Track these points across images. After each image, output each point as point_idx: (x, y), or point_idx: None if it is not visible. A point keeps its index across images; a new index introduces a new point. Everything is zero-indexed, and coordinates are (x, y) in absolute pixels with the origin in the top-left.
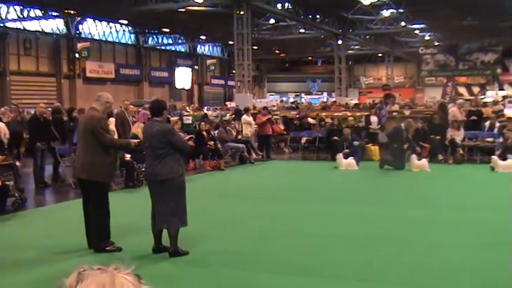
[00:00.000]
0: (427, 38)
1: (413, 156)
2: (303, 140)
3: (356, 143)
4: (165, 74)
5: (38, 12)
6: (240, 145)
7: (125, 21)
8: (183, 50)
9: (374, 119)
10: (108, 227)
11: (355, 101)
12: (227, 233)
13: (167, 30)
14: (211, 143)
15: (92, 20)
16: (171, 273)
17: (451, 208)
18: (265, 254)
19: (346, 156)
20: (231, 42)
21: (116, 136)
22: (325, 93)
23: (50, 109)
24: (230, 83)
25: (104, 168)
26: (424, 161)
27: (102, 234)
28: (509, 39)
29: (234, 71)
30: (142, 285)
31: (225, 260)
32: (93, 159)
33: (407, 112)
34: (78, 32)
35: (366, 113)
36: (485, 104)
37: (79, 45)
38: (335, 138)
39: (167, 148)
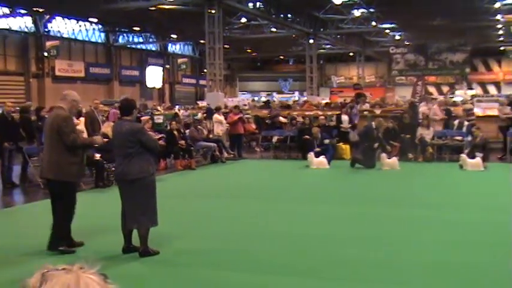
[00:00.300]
0: (397, 37)
1: (384, 155)
2: (275, 139)
3: (327, 141)
4: (135, 73)
5: (6, 10)
6: (212, 144)
7: (95, 20)
8: (154, 48)
9: (345, 118)
10: (67, 228)
11: (327, 100)
12: (198, 233)
13: (138, 28)
14: (182, 142)
15: (61, 18)
16: (141, 273)
17: (421, 206)
18: (237, 253)
19: (317, 155)
20: (202, 41)
21: (85, 135)
22: (296, 93)
23: (18, 108)
24: (201, 82)
25: (70, 168)
26: (394, 159)
27: (59, 234)
28: (478, 39)
29: (205, 70)
30: (109, 285)
31: (196, 260)
32: (59, 159)
33: (378, 111)
34: (46, 30)
35: (337, 112)
36: (454, 103)
37: (48, 44)
38: (306, 137)
39: (137, 147)
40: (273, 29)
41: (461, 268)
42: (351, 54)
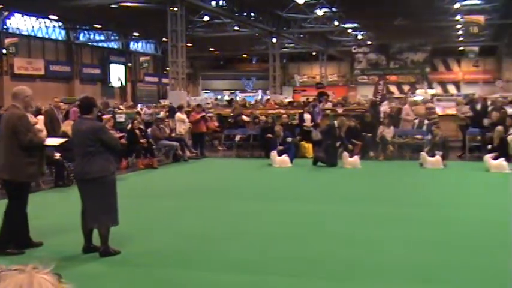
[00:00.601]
0: (359, 37)
1: (345, 153)
2: (237, 137)
3: (289, 139)
4: (97, 71)
5: None
6: (174, 143)
7: (55, 17)
8: (115, 46)
9: (307, 116)
10: (15, 230)
11: (290, 99)
12: (160, 232)
13: (99, 26)
14: (144, 141)
15: (20, 15)
16: (101, 273)
17: (382, 204)
18: (198, 253)
19: (280, 154)
20: (165, 39)
21: (44, 133)
22: (259, 91)
23: None
24: (164, 80)
25: (26, 168)
26: (356, 158)
27: (8, 235)
28: (438, 39)
29: (168, 69)
30: (63, 285)
31: (157, 260)
32: (15, 159)
33: (340, 110)
34: (5, 27)
35: (300, 111)
36: (415, 103)
37: (6, 41)
38: (269, 135)
39: (97, 146)
40: (236, 28)
41: (423, 265)
42: (314, 53)
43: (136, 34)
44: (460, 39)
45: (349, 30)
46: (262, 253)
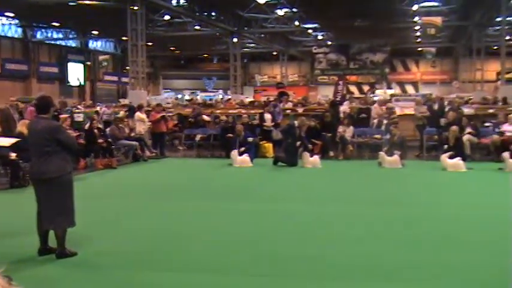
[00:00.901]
0: (320, 37)
1: (306, 153)
2: (198, 137)
3: (250, 139)
4: (55, 70)
5: None
6: (133, 143)
7: (11, 14)
8: (74, 45)
9: (268, 116)
10: None
11: (250, 99)
12: (118, 233)
13: (57, 24)
14: (102, 140)
15: None
16: (57, 275)
17: (342, 203)
18: (159, 253)
19: (240, 154)
20: (124, 38)
21: None
22: (220, 91)
23: None
24: (124, 79)
25: None
26: (316, 157)
27: None
28: (397, 40)
29: (127, 68)
30: (13, 287)
31: (115, 261)
32: None
33: (300, 110)
34: None
35: (260, 111)
36: (375, 102)
37: None
38: (229, 135)
39: (53, 146)
40: (197, 27)
41: (388, 263)
42: (275, 53)
43: (96, 32)
44: (418, 40)
45: (310, 31)
46: (224, 252)
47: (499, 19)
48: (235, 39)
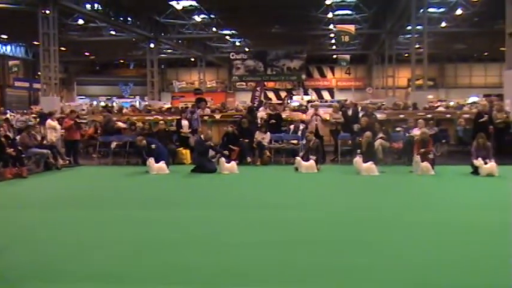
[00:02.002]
0: (237, 44)
1: (223, 159)
2: (113, 144)
3: (153, 146)
4: None
5: None
6: (45, 151)
7: None
8: None
9: (185, 123)
10: None
11: (168, 105)
12: (30, 245)
13: None
14: (11, 150)
15: None
16: None
17: (257, 207)
18: (66, 264)
19: (157, 161)
20: (36, 43)
21: None
22: (137, 97)
23: None
24: (36, 85)
25: None
26: (233, 163)
27: None
28: (313, 47)
29: (39, 73)
30: None
31: (28, 273)
32: None
33: (218, 116)
34: None
35: (178, 117)
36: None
37: None
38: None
39: None
40: (112, 32)
41: (296, 266)
42: (193, 59)
43: (5, 36)
44: (333, 47)
45: (227, 37)
46: (133, 261)
47: (409, 28)
48: (152, 45)
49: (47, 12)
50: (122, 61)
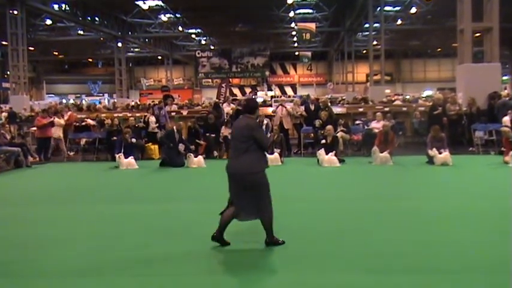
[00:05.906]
0: (203, 42)
1: (190, 154)
2: (83, 141)
3: (134, 140)
4: None
5: None
6: (15, 148)
7: None
8: None
9: (152, 119)
10: None
11: (136, 102)
12: None
13: None
14: None
15: None
16: None
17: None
18: (36, 261)
19: (126, 156)
20: (4, 43)
21: None
22: (106, 95)
23: None
24: (5, 84)
25: None
26: (200, 157)
27: None
28: (276, 45)
29: (8, 73)
30: None
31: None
32: None
33: (185, 112)
34: None
35: (146, 114)
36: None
37: None
38: (115, 138)
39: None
40: (81, 32)
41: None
42: (160, 57)
43: None
44: (295, 45)
45: (193, 36)
46: (100, 256)
47: (367, 25)
48: (119, 44)
49: (15, 12)
50: (90, 60)
